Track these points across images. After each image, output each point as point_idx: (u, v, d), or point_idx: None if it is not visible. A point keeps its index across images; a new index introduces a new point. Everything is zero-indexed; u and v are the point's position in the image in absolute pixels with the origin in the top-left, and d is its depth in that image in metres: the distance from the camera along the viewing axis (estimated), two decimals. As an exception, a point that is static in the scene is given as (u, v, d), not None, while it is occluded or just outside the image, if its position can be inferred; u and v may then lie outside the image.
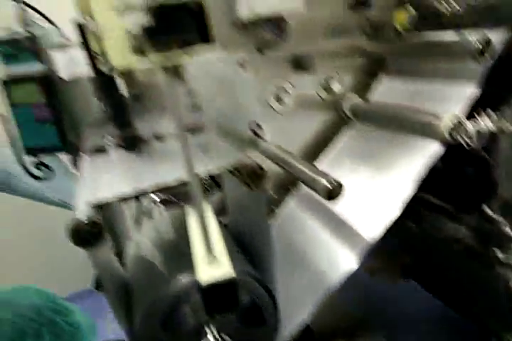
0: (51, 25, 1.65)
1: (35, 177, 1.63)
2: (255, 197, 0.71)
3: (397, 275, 1.25)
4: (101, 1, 0.76)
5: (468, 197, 0.92)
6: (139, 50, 0.65)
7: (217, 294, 0.49)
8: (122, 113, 0.89)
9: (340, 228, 0.89)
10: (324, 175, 0.74)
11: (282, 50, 1.02)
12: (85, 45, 0.83)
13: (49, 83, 1.51)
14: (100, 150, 0.93)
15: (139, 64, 0.49)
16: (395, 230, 0.94)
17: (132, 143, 0.91)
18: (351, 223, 0.87)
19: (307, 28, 1.01)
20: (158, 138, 0.97)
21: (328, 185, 0.71)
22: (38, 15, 1.64)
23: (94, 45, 0.81)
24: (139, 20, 0.48)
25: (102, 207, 0.62)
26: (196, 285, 0.56)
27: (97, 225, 0.57)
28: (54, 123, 1.56)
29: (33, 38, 1.48)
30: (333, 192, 0.71)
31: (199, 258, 0.54)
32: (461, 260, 1.00)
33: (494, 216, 0.82)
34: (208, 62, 0.84)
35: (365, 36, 1.07)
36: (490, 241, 0.86)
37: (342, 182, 0.71)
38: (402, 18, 0.93)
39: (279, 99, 1.05)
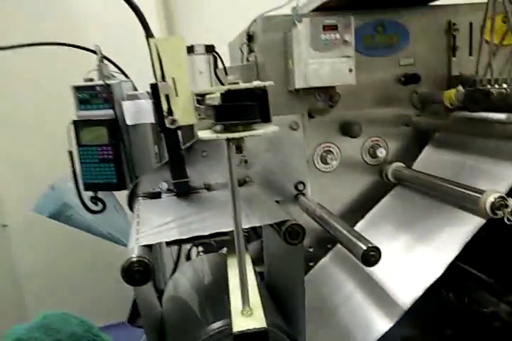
0: (125, 78, 1.85)
1: (90, 211, 1.75)
2: (293, 252, 0.75)
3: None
4: (176, 69, 0.89)
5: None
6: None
7: None
8: (180, 163, 0.97)
9: (376, 291, 0.89)
10: (363, 239, 0.76)
11: (331, 116, 1.09)
12: (157, 102, 0.93)
13: (115, 127, 1.67)
14: (154, 194, 1.01)
15: (203, 133, 0.57)
16: (436, 301, 0.93)
17: (185, 190, 0.98)
18: (387, 287, 0.87)
19: (356, 97, 1.09)
20: (208, 187, 1.05)
21: (366, 251, 0.73)
22: (115, 69, 1.85)
23: (164, 103, 0.92)
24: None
25: (151, 249, 0.68)
26: (230, 333, 0.58)
27: (147, 265, 0.62)
28: (114, 163, 1.70)
29: (107, 87, 1.66)
30: (371, 258, 0.73)
31: (235, 307, 0.57)
32: (499, 336, 0.96)
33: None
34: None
35: (414, 108, 1.13)
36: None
37: (380, 249, 0.73)
38: (452, 95, 0.98)
39: (324, 160, 1.11)
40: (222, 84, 1.22)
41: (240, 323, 0.53)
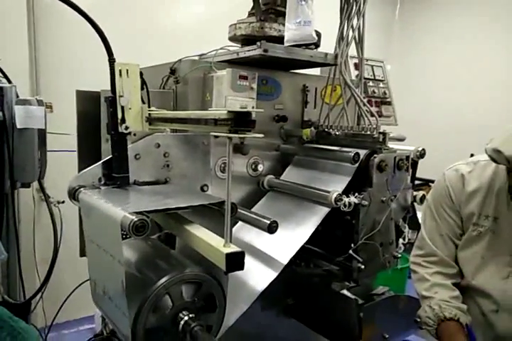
0: (8, 83, 1.89)
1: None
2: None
3: (281, 313, 1.66)
4: (133, 88, 1.17)
5: (340, 245, 1.43)
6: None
7: (234, 259, 0.85)
8: (124, 160, 1.21)
9: (262, 258, 1.31)
10: (266, 217, 1.18)
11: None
12: (113, 112, 1.17)
13: (2, 129, 1.71)
14: (95, 186, 1.21)
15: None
16: (284, 277, 1.37)
17: (125, 183, 1.22)
18: (270, 254, 1.30)
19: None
20: (138, 183, 1.30)
21: (271, 223, 1.14)
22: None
23: (119, 113, 1.18)
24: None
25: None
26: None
27: (145, 221, 0.89)
28: (-4, 164, 1.71)
29: (-1, 90, 1.72)
30: (274, 228, 1.15)
31: (216, 244, 0.90)
32: (327, 293, 1.49)
33: (354, 255, 1.33)
34: (181, 138, 1.28)
35: (281, 139, 1.64)
36: (349, 271, 1.37)
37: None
38: (307, 132, 1.52)
39: (222, 170, 1.50)
40: (144, 102, 1.49)
41: (226, 249, 0.86)
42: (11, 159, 1.76)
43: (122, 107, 1.19)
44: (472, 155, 1.68)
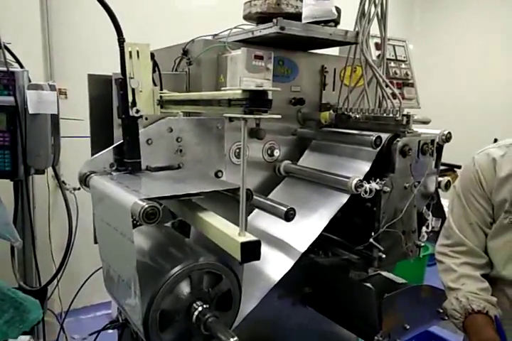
0: (20, 68, 1.85)
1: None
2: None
3: (298, 302, 1.62)
4: (143, 69, 1.12)
5: (360, 233, 1.37)
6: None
7: (250, 249, 0.80)
8: (136, 145, 1.17)
9: (279, 245, 1.26)
10: (283, 204, 1.12)
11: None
12: (124, 94, 1.13)
13: (15, 115, 1.68)
14: (107, 172, 1.18)
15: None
16: (301, 266, 1.31)
17: (137, 168, 1.18)
18: (287, 241, 1.25)
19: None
20: (150, 169, 1.26)
21: (288, 210, 1.09)
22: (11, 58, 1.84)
23: (130, 96, 1.13)
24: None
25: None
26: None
27: (156, 208, 0.84)
28: (11, 151, 1.69)
29: (11, 75, 1.68)
30: (290, 215, 1.09)
31: (232, 232, 0.85)
32: (346, 282, 1.43)
33: (375, 243, 1.27)
34: (194, 122, 1.22)
35: (298, 123, 1.57)
36: (369, 260, 1.31)
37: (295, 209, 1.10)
38: (326, 115, 1.45)
39: (237, 155, 1.44)
40: (155, 85, 1.44)
41: (241, 238, 0.81)
42: (24, 145, 1.73)
43: (133, 89, 1.14)
44: (496, 140, 1.59)
